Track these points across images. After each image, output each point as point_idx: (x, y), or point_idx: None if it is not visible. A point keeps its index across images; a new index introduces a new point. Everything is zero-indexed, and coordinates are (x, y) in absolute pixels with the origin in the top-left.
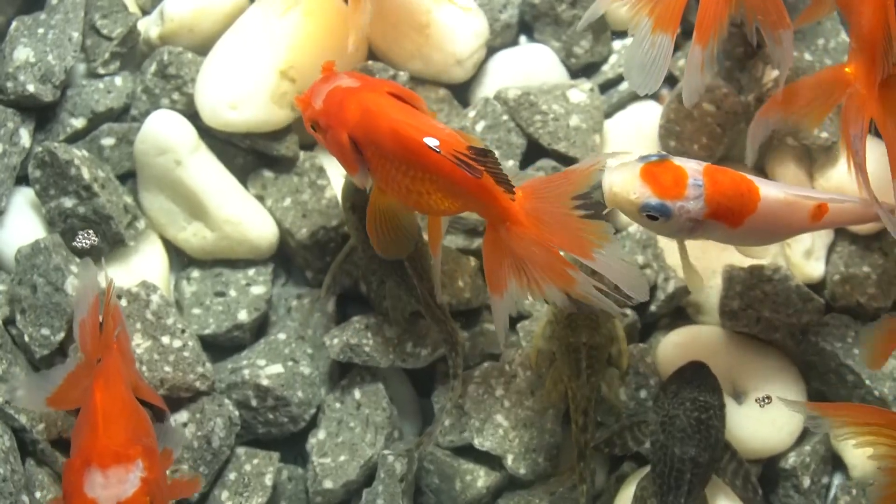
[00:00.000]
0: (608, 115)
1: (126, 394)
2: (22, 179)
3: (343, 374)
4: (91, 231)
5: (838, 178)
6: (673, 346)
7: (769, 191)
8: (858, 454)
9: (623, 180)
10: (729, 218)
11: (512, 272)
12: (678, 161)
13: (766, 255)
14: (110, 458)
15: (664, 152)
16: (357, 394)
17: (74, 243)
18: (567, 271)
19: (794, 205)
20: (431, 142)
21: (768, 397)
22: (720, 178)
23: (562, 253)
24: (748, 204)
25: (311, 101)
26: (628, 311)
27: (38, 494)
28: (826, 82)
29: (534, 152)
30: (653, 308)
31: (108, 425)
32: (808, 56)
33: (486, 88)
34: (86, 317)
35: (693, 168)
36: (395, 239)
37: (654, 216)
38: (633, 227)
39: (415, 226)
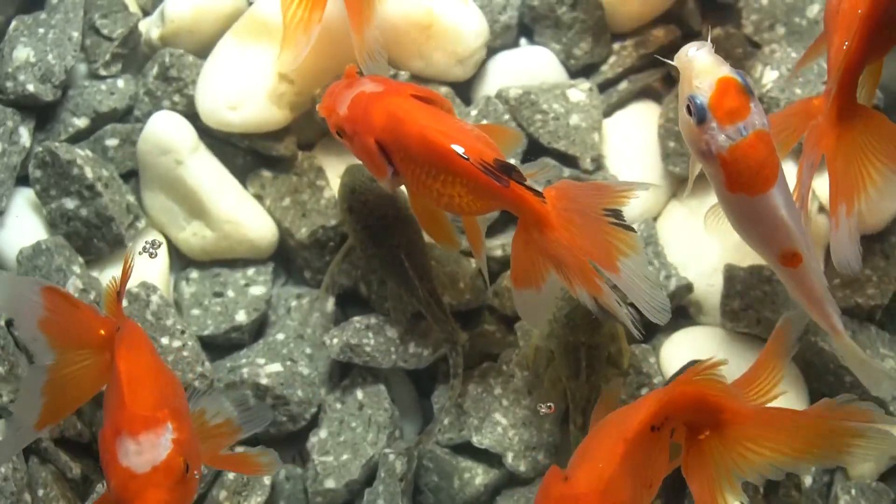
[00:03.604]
0: (607, 114)
1: (150, 357)
2: (22, 180)
3: (343, 374)
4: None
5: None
6: (676, 346)
7: (777, 198)
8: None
9: (703, 67)
10: (730, 178)
11: (551, 266)
12: (753, 105)
13: (715, 234)
14: (140, 424)
15: (753, 88)
16: (359, 394)
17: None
18: (595, 280)
19: (779, 230)
20: (458, 149)
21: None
22: (759, 148)
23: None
24: (752, 187)
25: (336, 107)
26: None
27: (40, 493)
28: (794, 111)
29: (534, 151)
30: None
31: (133, 393)
32: None
33: (487, 88)
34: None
35: (754, 120)
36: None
37: (690, 111)
38: (635, 225)
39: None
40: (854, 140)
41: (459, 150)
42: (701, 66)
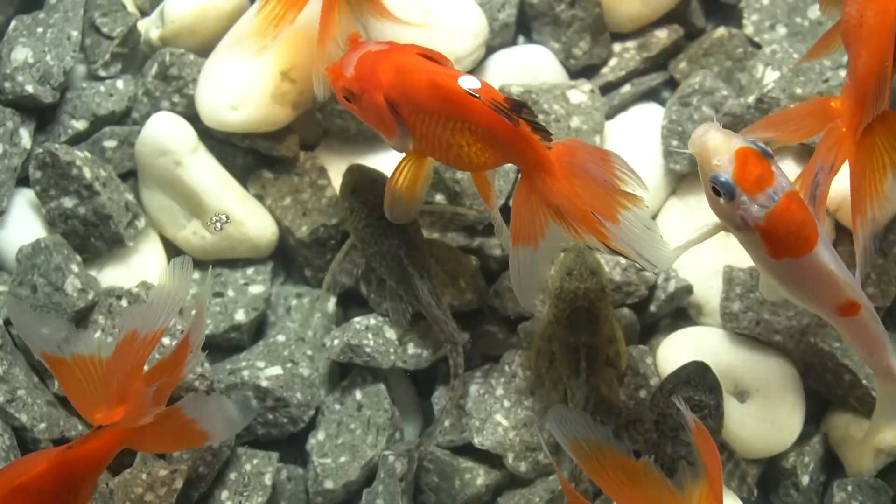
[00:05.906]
0: (609, 116)
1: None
2: (22, 181)
3: (343, 374)
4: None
5: (834, 183)
6: (674, 348)
7: (823, 254)
8: (855, 452)
9: (718, 144)
10: (772, 246)
11: (551, 218)
12: (774, 167)
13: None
14: None
15: (770, 150)
16: (358, 395)
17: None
18: (598, 226)
19: (833, 284)
20: (470, 83)
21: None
22: (794, 209)
23: None
24: (797, 248)
25: (342, 70)
26: (626, 311)
27: None
28: (811, 111)
29: None
30: (653, 308)
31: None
32: None
33: None
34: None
35: (781, 183)
36: (406, 203)
37: (718, 192)
38: None
39: (419, 200)
40: (873, 143)
41: (473, 85)
42: (714, 144)
